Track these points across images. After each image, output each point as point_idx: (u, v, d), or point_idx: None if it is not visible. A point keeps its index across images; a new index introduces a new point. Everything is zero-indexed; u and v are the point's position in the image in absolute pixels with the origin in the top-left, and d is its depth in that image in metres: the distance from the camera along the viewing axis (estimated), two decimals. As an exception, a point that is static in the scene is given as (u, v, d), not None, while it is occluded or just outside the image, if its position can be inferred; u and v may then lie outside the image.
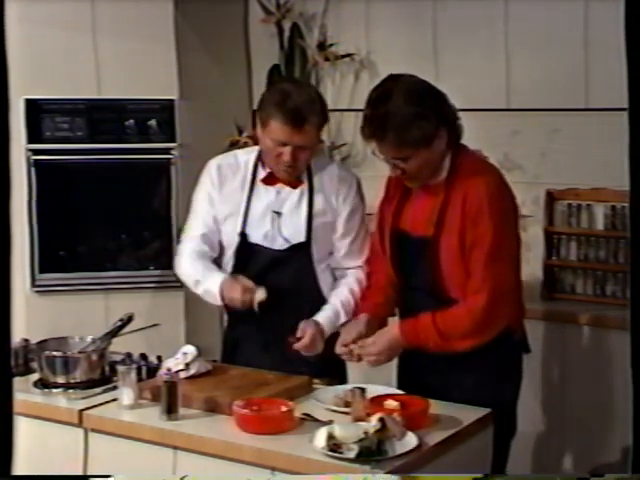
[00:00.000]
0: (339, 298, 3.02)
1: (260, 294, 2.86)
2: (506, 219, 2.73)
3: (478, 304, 2.66)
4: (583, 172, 3.92)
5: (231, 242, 3.04)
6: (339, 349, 2.84)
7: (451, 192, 2.72)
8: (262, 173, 3.02)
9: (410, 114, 2.62)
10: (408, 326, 2.75)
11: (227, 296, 2.91)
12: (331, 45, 4.37)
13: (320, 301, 3.03)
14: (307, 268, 3.03)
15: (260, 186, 3.02)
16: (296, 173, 2.98)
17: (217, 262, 3.07)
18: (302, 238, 3.00)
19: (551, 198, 4.01)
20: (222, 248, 3.08)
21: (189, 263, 3.04)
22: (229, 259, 3.06)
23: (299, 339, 2.91)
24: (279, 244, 3.00)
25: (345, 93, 4.41)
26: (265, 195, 3.01)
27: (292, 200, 3.01)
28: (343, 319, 3.00)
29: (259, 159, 3.03)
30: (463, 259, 2.69)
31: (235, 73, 4.54)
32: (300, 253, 3.01)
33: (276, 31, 4.46)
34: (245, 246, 3.02)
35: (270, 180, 3.01)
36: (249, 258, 3.03)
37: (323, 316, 2.98)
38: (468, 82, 3.90)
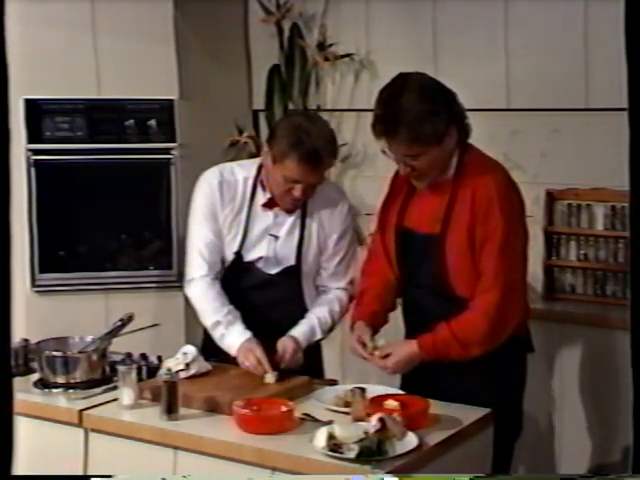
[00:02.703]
0: (317, 315, 3.04)
1: (270, 378, 2.82)
2: (515, 215, 2.74)
3: (491, 303, 2.66)
4: (583, 172, 3.91)
5: (227, 258, 3.06)
6: (358, 352, 2.81)
7: (458, 189, 2.72)
8: (262, 197, 3.02)
9: (423, 111, 2.62)
10: (426, 341, 2.71)
11: (240, 359, 2.89)
12: (331, 45, 4.37)
13: (304, 312, 3.08)
14: (295, 288, 3.08)
15: (258, 208, 3.03)
16: (300, 205, 3.00)
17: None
18: (292, 261, 3.03)
19: (551, 198, 4.00)
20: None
21: (207, 293, 2.99)
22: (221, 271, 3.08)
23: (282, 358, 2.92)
24: (272, 267, 3.05)
25: (345, 93, 4.41)
26: (263, 218, 3.03)
27: (288, 224, 3.04)
28: (319, 336, 3.04)
29: (258, 177, 3.03)
30: (471, 256, 2.69)
31: (235, 73, 4.54)
32: (290, 275, 3.06)
33: (276, 31, 4.46)
34: (239, 264, 3.04)
35: (269, 204, 3.02)
36: (241, 276, 3.06)
37: (299, 331, 3.00)
38: (468, 82, 3.89)
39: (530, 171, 3.95)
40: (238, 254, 3.03)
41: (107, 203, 4.11)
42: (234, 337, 2.90)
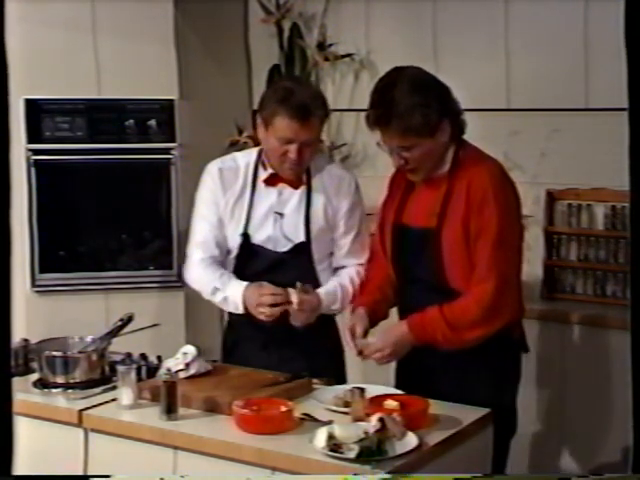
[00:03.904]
0: (339, 281, 3.02)
1: (295, 297, 2.82)
2: (510, 208, 2.75)
3: (485, 293, 2.67)
4: (583, 172, 3.92)
5: (234, 243, 3.05)
6: (346, 339, 2.83)
7: (454, 183, 2.74)
8: (263, 174, 3.02)
9: (414, 102, 2.64)
10: (415, 320, 2.74)
11: (255, 302, 2.88)
12: (331, 45, 4.37)
13: None
14: (308, 268, 3.03)
15: (262, 187, 3.02)
16: (301, 170, 2.99)
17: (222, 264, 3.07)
18: (302, 238, 3.01)
19: (551, 198, 4.01)
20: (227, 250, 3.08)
21: (202, 270, 3.02)
22: (231, 260, 3.07)
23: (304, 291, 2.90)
24: (281, 246, 3.02)
25: (345, 93, 4.41)
26: (267, 196, 3.02)
27: (294, 200, 3.02)
28: (338, 304, 3.00)
29: (259, 160, 3.04)
30: (466, 248, 2.70)
31: (235, 73, 4.54)
32: (301, 254, 3.02)
33: (276, 31, 4.46)
34: (247, 247, 3.03)
35: (272, 181, 3.01)
36: (250, 259, 3.04)
37: (323, 289, 2.98)
38: (468, 82, 3.88)
39: (530, 171, 3.95)
40: (245, 235, 3.01)
41: (107, 203, 4.12)
42: (235, 289, 2.92)
